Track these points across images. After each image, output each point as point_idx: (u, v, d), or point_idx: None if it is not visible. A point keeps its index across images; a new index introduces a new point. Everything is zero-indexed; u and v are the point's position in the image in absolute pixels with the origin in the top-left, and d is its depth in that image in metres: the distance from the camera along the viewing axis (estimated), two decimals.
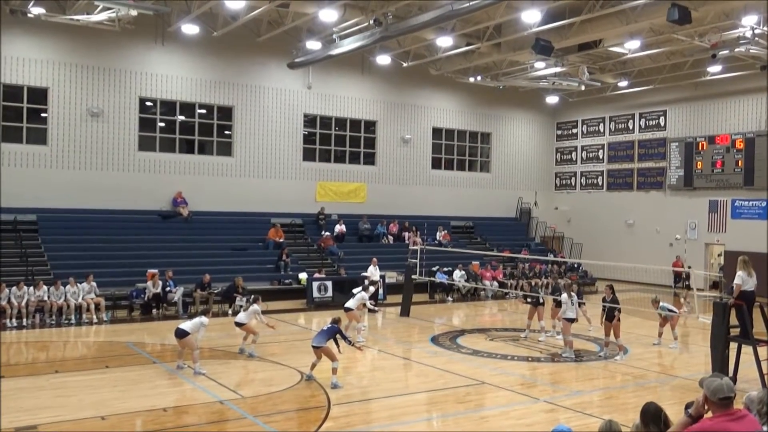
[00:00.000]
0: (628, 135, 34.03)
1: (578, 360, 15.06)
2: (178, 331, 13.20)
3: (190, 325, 13.27)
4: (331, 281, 23.56)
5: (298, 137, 29.17)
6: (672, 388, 12.76)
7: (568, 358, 15.09)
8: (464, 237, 31.91)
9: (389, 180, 31.57)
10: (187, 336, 13.09)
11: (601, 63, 28.68)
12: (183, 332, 13.11)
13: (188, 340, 13.12)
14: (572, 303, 15.65)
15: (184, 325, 13.32)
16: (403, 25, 21.54)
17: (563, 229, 35.33)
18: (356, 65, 29.60)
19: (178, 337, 13.19)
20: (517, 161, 35.88)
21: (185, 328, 13.18)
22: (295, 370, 13.29)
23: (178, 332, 13.19)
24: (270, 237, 26.35)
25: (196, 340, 13.22)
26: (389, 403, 11.41)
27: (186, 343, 13.16)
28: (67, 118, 24.23)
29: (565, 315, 15.61)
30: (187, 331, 13.11)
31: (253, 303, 15.18)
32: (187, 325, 13.30)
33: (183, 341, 13.17)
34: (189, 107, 26.95)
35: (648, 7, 20.60)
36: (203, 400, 11.21)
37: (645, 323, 19.36)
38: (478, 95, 33.39)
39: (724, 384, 4.69)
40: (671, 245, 30.78)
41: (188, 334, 13.10)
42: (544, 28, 22.43)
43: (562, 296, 15.97)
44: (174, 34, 24.90)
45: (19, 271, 20.36)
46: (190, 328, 13.18)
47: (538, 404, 11.41)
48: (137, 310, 20.31)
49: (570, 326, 15.59)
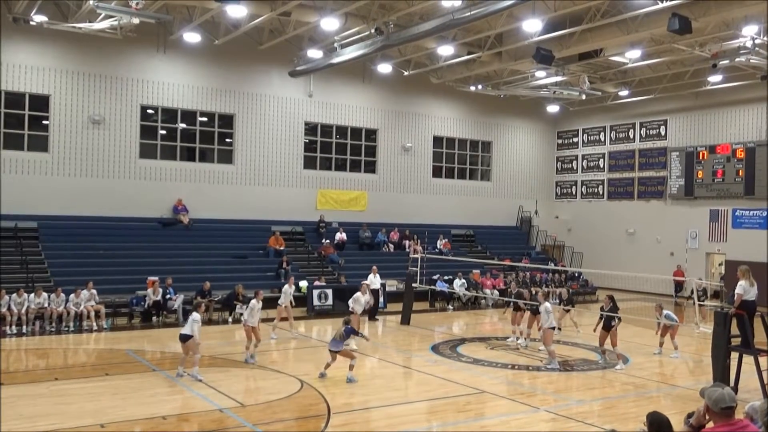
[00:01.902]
0: (629, 144, 34.07)
1: (567, 370, 14.91)
2: (181, 336, 13.36)
3: (188, 328, 13.31)
4: (331, 289, 23.53)
5: (299, 145, 29.21)
6: (673, 397, 12.72)
7: (553, 369, 14.83)
8: (465, 245, 31.89)
9: (390, 188, 31.59)
10: (190, 339, 13.13)
11: (602, 72, 28.74)
12: (185, 336, 13.21)
13: (190, 343, 13.16)
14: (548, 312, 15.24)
15: (184, 329, 13.39)
16: (405, 34, 21.61)
17: (564, 238, 35.31)
18: (357, 74, 29.67)
19: (181, 341, 13.33)
20: (517, 170, 35.91)
21: (185, 332, 13.25)
22: (295, 378, 13.25)
23: (181, 337, 13.36)
24: (270, 245, 26.34)
25: (196, 340, 13.23)
26: (389, 412, 11.37)
27: (189, 347, 13.21)
28: (68, 126, 24.28)
29: (546, 324, 15.22)
30: (189, 335, 13.16)
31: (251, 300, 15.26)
32: (186, 328, 13.36)
33: (186, 345, 13.23)
34: (190, 115, 27.00)
35: (649, 16, 20.68)
36: (203, 408, 11.18)
37: (645, 332, 19.32)
38: (478, 104, 33.45)
39: (726, 394, 4.68)
40: (672, 254, 30.76)
41: (190, 336, 13.14)
42: (544, 37, 22.51)
43: (542, 306, 15.56)
44: (176, 42, 24.98)
45: (20, 278, 20.32)
46: (189, 331, 13.22)
47: (539, 413, 11.37)
48: (137, 318, 20.27)
49: (552, 335, 15.29)
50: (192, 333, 13.16)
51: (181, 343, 13.40)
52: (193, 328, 13.19)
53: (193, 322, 13.24)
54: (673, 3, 18.57)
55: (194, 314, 13.42)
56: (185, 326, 13.54)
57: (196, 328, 13.26)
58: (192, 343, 13.16)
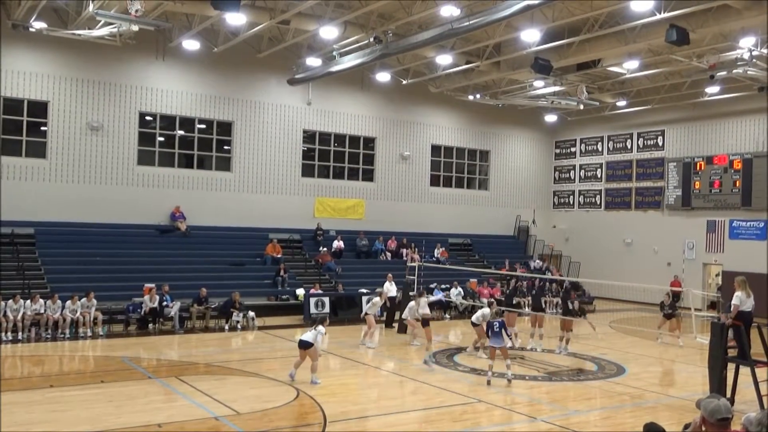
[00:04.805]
0: (626, 154, 34.14)
1: (563, 380, 14.94)
2: (301, 342, 13.64)
3: (311, 336, 13.58)
4: (328, 297, 23.49)
5: (297, 153, 29.23)
6: (669, 408, 12.70)
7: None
8: (462, 254, 31.89)
9: (388, 196, 31.61)
10: (311, 347, 13.47)
11: (600, 82, 28.82)
12: (306, 343, 13.48)
13: (311, 351, 13.50)
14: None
15: (306, 336, 13.63)
16: (403, 43, 21.67)
17: (561, 247, 35.31)
18: (356, 82, 29.72)
19: (301, 348, 13.60)
20: (515, 179, 35.96)
21: (307, 339, 13.52)
22: (291, 386, 13.22)
23: (300, 343, 13.63)
24: (268, 252, 26.33)
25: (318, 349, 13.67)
26: (385, 421, 11.34)
27: (308, 354, 13.53)
28: (66, 132, 24.28)
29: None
30: (310, 342, 13.46)
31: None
32: (309, 336, 13.59)
33: (305, 352, 13.54)
34: (188, 122, 27.02)
35: (647, 28, 20.76)
36: (198, 416, 11.13)
37: (642, 342, 19.32)
38: (477, 113, 33.52)
39: (722, 405, 4.67)
40: (669, 265, 30.77)
41: (311, 344, 13.45)
42: (543, 47, 22.59)
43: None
44: (175, 50, 25.01)
45: (16, 284, 20.27)
46: (311, 339, 13.52)
47: (536, 423, 11.34)
48: (133, 325, 20.19)
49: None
50: (314, 342, 13.51)
51: (300, 349, 13.60)
52: (317, 338, 13.63)
53: (319, 333, 13.68)
54: (671, 14, 18.65)
55: (320, 327, 13.82)
56: (307, 334, 13.70)
57: (320, 338, 13.77)
58: (312, 350, 13.45)
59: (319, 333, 13.70)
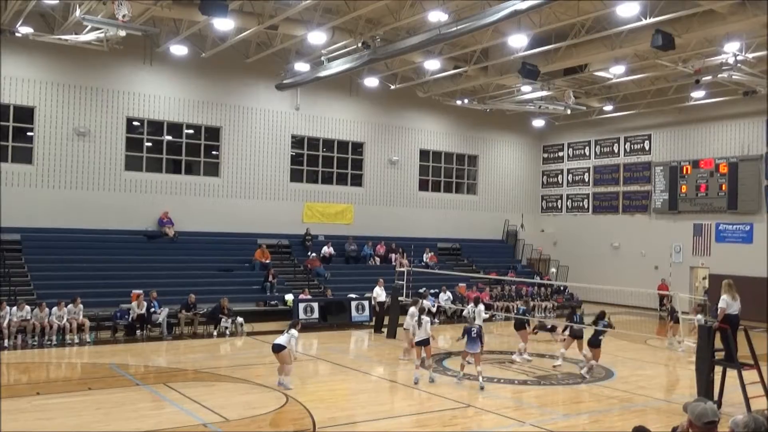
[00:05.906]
0: (614, 159, 34.34)
1: (552, 384, 14.98)
2: (274, 346, 13.60)
3: (284, 339, 13.57)
4: (317, 302, 23.46)
5: (286, 158, 29.19)
6: (658, 411, 12.75)
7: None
8: (451, 259, 31.93)
9: (376, 201, 31.62)
10: (284, 349, 13.45)
11: (587, 87, 29.00)
12: (279, 346, 13.46)
13: (285, 353, 13.48)
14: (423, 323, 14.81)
15: (279, 340, 13.63)
16: (391, 48, 21.74)
17: (549, 251, 35.44)
18: (344, 87, 29.74)
19: (275, 351, 13.56)
20: (503, 183, 36.07)
21: (281, 342, 13.51)
22: (280, 392, 13.18)
23: (274, 347, 13.60)
24: (256, 258, 26.26)
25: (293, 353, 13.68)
26: (375, 426, 11.32)
27: (283, 357, 13.51)
28: (53, 138, 24.13)
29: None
30: (283, 345, 13.46)
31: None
32: (282, 339, 13.58)
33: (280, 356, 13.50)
34: (176, 127, 26.93)
35: (633, 33, 20.91)
36: (186, 423, 11.07)
37: (631, 346, 19.40)
38: (465, 118, 33.62)
39: (709, 408, 4.70)
40: (656, 268, 30.94)
41: (284, 347, 13.45)
42: (530, 52, 22.71)
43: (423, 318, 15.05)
44: (162, 55, 24.94)
45: (2, 291, 20.06)
46: (284, 342, 13.51)
47: (525, 427, 11.36)
48: (121, 332, 20.05)
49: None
50: (287, 345, 13.50)
51: (274, 354, 13.58)
52: (291, 342, 13.62)
53: (292, 336, 13.66)
54: (657, 19, 18.80)
55: (293, 330, 13.78)
56: (280, 337, 13.69)
57: (293, 342, 13.73)
58: (286, 353, 13.44)
59: (292, 336, 13.67)
